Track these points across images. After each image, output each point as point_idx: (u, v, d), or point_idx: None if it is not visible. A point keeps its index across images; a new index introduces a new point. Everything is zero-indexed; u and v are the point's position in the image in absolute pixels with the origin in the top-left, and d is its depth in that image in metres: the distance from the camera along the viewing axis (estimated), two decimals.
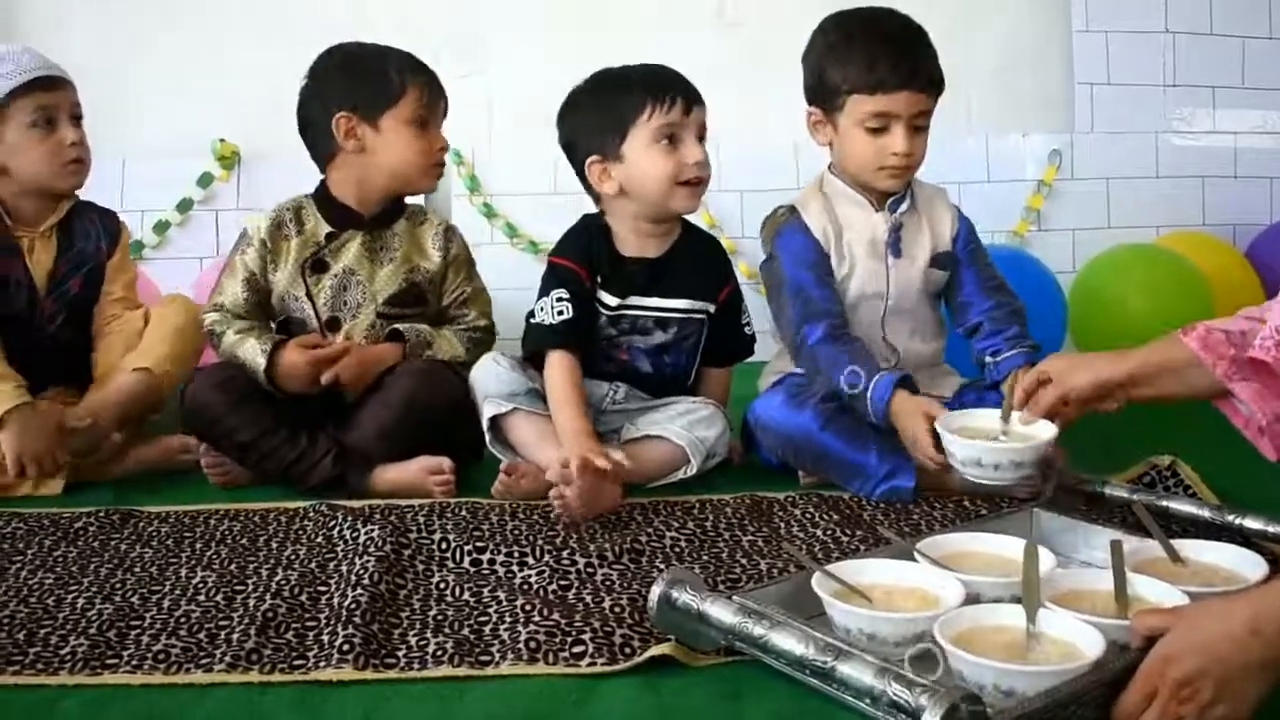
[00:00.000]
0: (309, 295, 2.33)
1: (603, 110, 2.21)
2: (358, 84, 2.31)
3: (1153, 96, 3.67)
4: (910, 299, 2.26)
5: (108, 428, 2.31)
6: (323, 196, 2.39)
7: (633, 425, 2.22)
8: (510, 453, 2.18)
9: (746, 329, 2.38)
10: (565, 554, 1.81)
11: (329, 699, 1.39)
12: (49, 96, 2.34)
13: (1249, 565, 1.54)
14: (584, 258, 2.23)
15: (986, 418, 1.93)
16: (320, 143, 2.36)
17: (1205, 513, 1.83)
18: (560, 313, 2.18)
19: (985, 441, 1.86)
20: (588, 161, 2.23)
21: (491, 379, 2.21)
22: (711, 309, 2.29)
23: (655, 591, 1.47)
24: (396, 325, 2.32)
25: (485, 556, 1.81)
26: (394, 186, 2.37)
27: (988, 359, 2.21)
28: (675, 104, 2.16)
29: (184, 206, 3.60)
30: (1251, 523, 1.77)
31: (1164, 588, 1.43)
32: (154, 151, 3.57)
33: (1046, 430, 1.85)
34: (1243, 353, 1.64)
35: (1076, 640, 1.32)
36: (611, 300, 2.24)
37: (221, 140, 3.58)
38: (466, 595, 1.67)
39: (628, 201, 2.23)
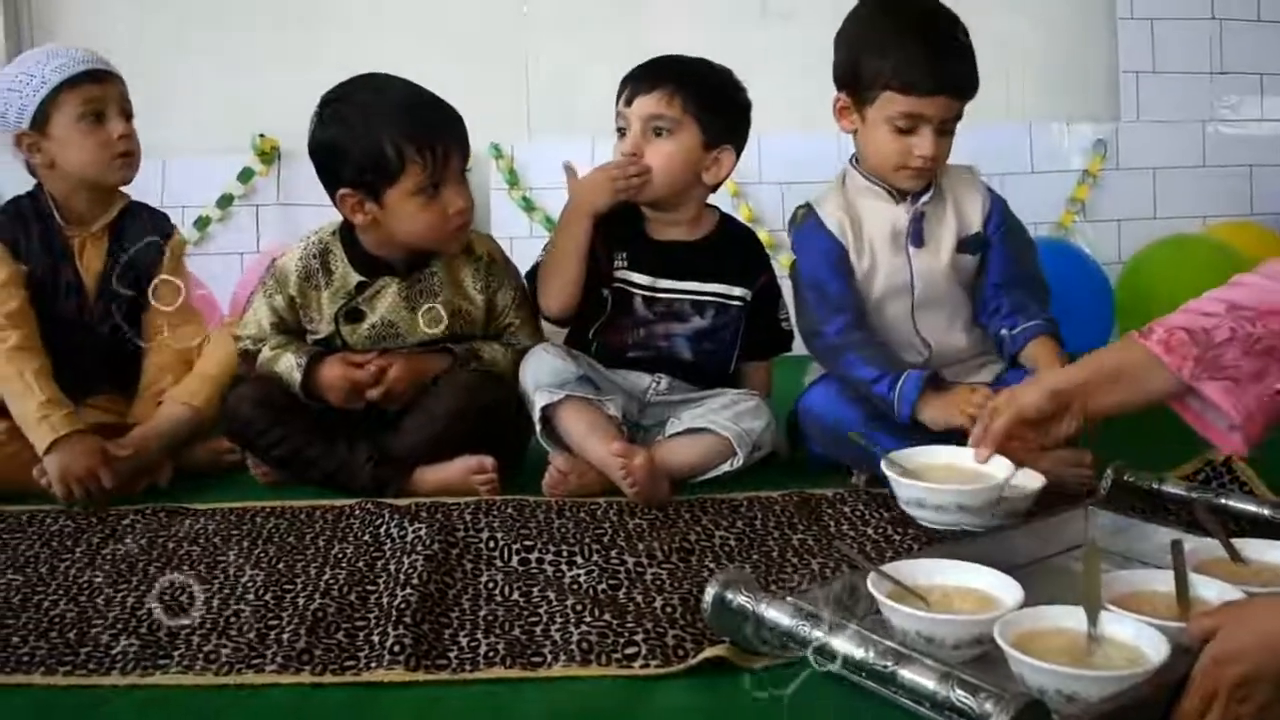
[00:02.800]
0: (346, 345, 2.25)
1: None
2: (354, 164, 2.13)
3: (1199, 84, 3.62)
4: (939, 289, 2.21)
5: (152, 459, 2.28)
6: (350, 238, 2.26)
7: (677, 419, 2.20)
8: (558, 446, 2.16)
9: (785, 323, 2.37)
10: (614, 553, 1.80)
11: (380, 700, 1.39)
12: (98, 89, 2.33)
13: None
14: (606, 236, 2.26)
15: (950, 454, 1.84)
16: (340, 210, 2.22)
17: (1265, 510, 1.79)
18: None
19: (927, 483, 1.76)
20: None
21: (544, 369, 2.18)
22: (747, 295, 2.29)
23: (709, 592, 1.45)
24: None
25: (533, 555, 1.80)
26: (416, 248, 2.24)
27: (1004, 333, 2.17)
28: (622, 97, 2.22)
29: (224, 202, 3.61)
30: None
31: (1226, 588, 1.41)
32: (194, 148, 3.58)
33: (1001, 471, 1.74)
34: (1207, 352, 1.59)
35: (1140, 644, 1.29)
36: (642, 279, 2.25)
37: (261, 135, 3.59)
38: (516, 595, 1.66)
39: None
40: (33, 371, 2.23)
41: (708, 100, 2.22)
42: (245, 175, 3.60)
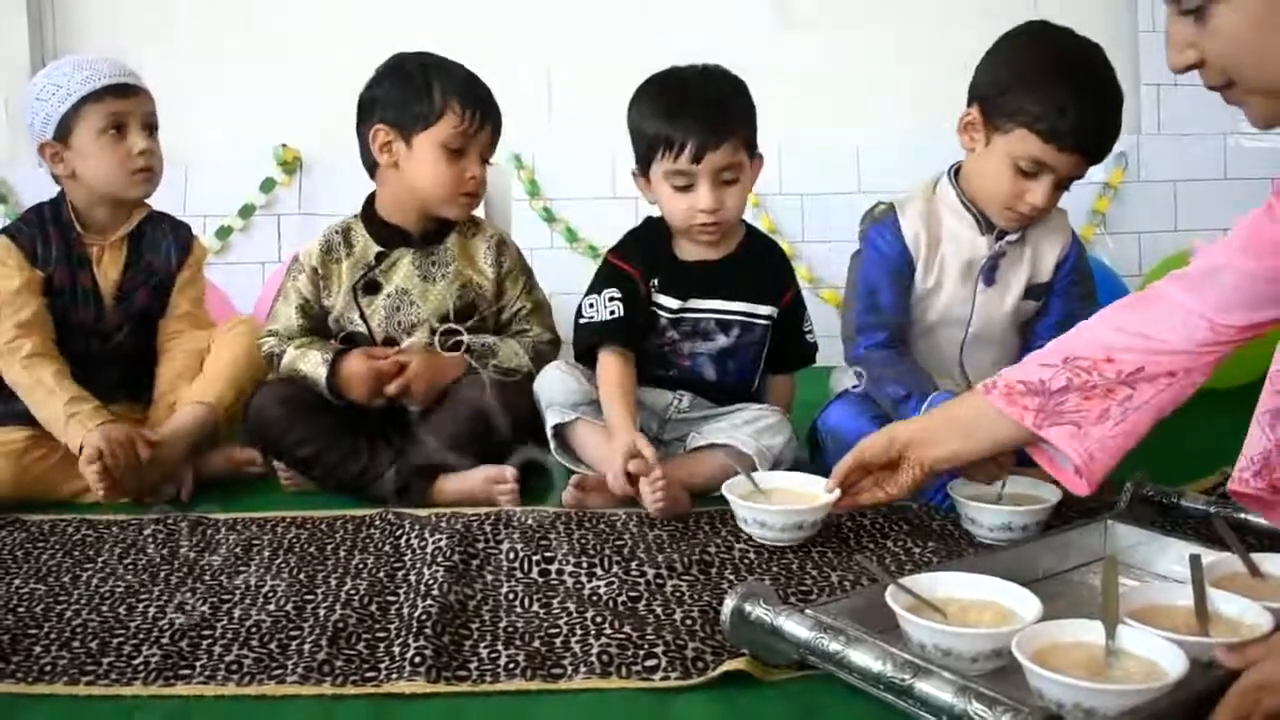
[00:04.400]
0: (363, 317, 2.33)
1: (637, 132, 2.19)
2: (400, 97, 2.28)
3: (1220, 97, 3.60)
4: (995, 330, 2.19)
5: (176, 458, 2.29)
6: (370, 215, 2.38)
7: (698, 434, 2.20)
8: (575, 460, 2.18)
9: (809, 336, 2.36)
10: (634, 565, 1.80)
11: (401, 712, 1.39)
12: (121, 104, 2.35)
13: None
14: (641, 260, 2.23)
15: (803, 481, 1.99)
16: (365, 152, 2.35)
17: None
18: (612, 311, 2.18)
19: (763, 505, 1.90)
20: (632, 171, 2.24)
21: (556, 388, 2.20)
22: (774, 313, 2.27)
23: (729, 605, 1.45)
24: (460, 338, 2.31)
25: (553, 567, 1.81)
26: (424, 208, 2.34)
27: None
28: (684, 152, 2.09)
29: (246, 212, 3.63)
30: None
31: (1245, 604, 1.40)
32: (216, 157, 3.61)
33: (829, 494, 1.86)
34: (1048, 400, 1.64)
35: (1158, 658, 1.29)
36: (672, 303, 2.22)
37: (283, 145, 3.61)
38: (536, 606, 1.66)
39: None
40: (52, 375, 2.25)
41: (753, 127, 2.19)
42: (267, 185, 3.62)
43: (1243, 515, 1.82)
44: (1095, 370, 1.64)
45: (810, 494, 1.93)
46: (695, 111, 2.10)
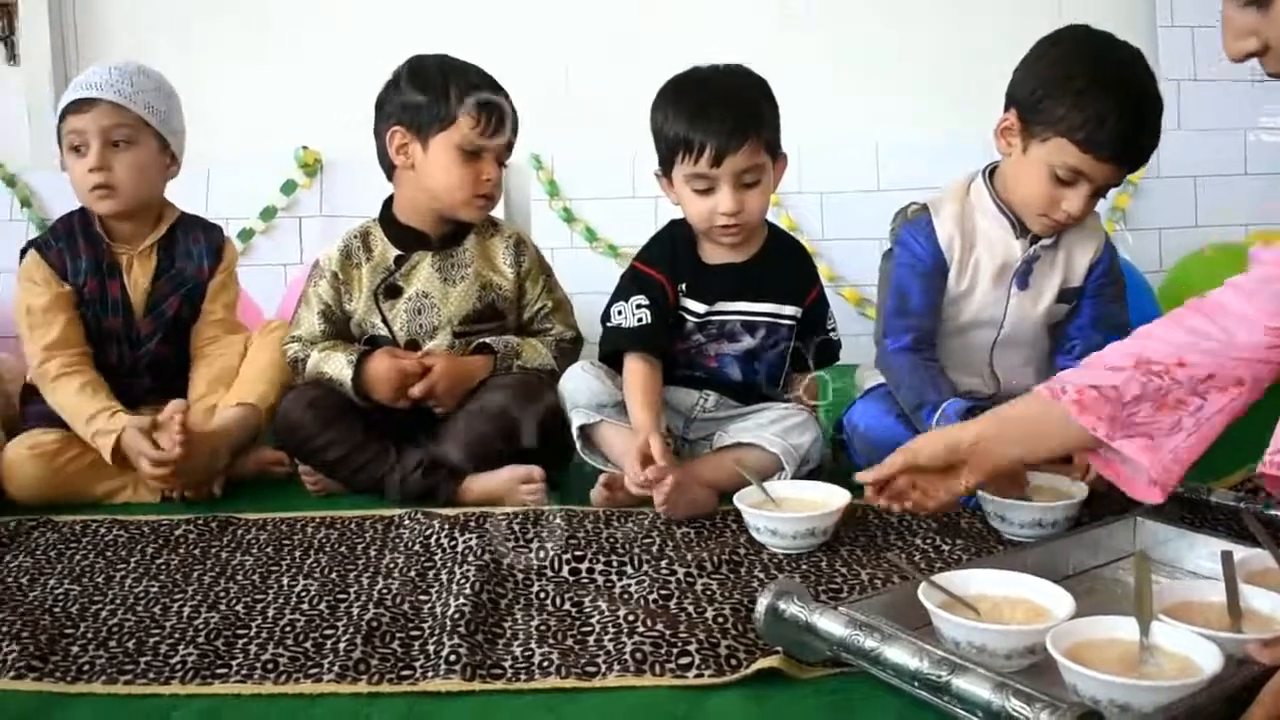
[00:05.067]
0: (385, 321, 2.33)
1: (659, 134, 2.18)
2: (416, 100, 2.28)
3: (1241, 92, 3.61)
4: (1027, 332, 2.19)
5: (221, 458, 2.30)
6: (388, 218, 2.39)
7: (724, 433, 2.21)
8: (600, 459, 2.19)
9: (833, 334, 2.36)
10: (664, 563, 1.81)
11: (438, 710, 1.40)
12: (77, 120, 2.33)
13: None
14: (668, 266, 2.22)
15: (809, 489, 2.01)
16: (382, 154, 2.36)
17: None
18: (640, 319, 2.18)
19: (779, 512, 1.90)
20: (655, 173, 2.24)
21: (581, 389, 2.21)
22: (799, 312, 2.28)
23: (762, 602, 1.46)
24: (484, 339, 2.32)
25: (584, 565, 1.81)
26: (440, 210, 2.34)
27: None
28: (704, 155, 2.08)
29: (268, 214, 3.65)
30: None
31: (1277, 599, 1.41)
32: (237, 160, 3.62)
33: (838, 499, 1.91)
34: (1120, 410, 1.62)
35: (1192, 654, 1.29)
36: (699, 308, 2.22)
37: (304, 148, 3.63)
38: (568, 605, 1.67)
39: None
40: (74, 391, 2.28)
41: (775, 127, 2.17)
42: (288, 187, 3.64)
43: (1272, 511, 1.82)
44: (1168, 374, 1.62)
45: (822, 501, 1.94)
46: (715, 114, 2.09)
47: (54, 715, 1.42)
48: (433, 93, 2.27)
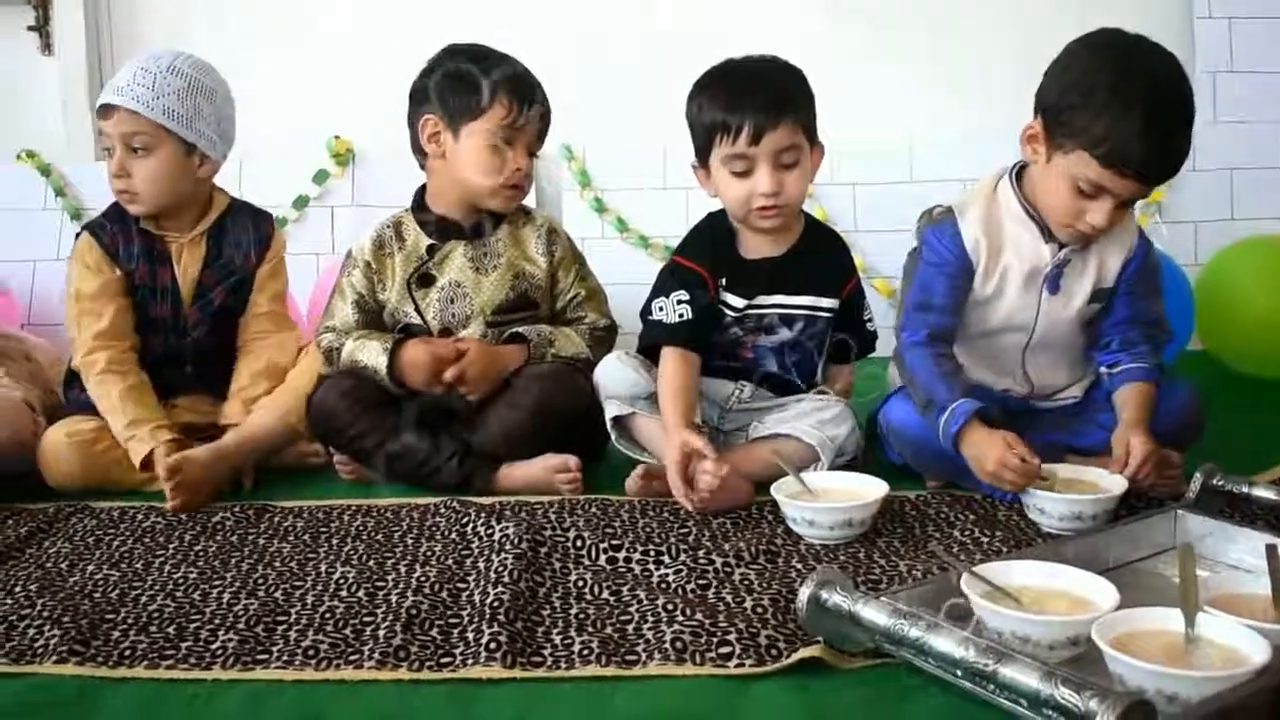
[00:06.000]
0: (418, 310, 2.33)
1: (696, 123, 2.17)
2: (449, 88, 2.30)
3: (1278, 84, 3.57)
4: (1059, 335, 2.14)
5: (243, 465, 2.29)
6: (421, 207, 2.39)
7: (760, 423, 2.20)
8: (636, 448, 2.18)
9: (869, 325, 2.35)
10: (701, 553, 1.81)
11: (479, 697, 1.40)
12: (104, 124, 2.34)
13: None
14: (708, 260, 2.21)
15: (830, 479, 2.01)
16: (415, 142, 2.36)
17: None
18: (681, 315, 2.17)
19: (816, 503, 1.90)
20: (691, 164, 2.23)
21: (616, 379, 2.21)
22: (836, 305, 2.26)
23: (804, 592, 1.46)
24: (518, 329, 2.31)
25: (621, 554, 1.81)
26: (470, 199, 2.34)
27: (1103, 370, 2.15)
28: (742, 134, 2.07)
29: (300, 203, 3.65)
30: None
31: None
32: (269, 149, 3.61)
33: (878, 489, 1.90)
34: None
35: (1239, 645, 1.28)
36: (738, 302, 2.21)
37: (336, 137, 3.63)
38: (606, 594, 1.67)
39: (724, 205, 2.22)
40: (119, 393, 2.28)
41: (812, 113, 2.16)
42: (320, 177, 3.64)
43: None
44: None
45: (860, 492, 1.93)
46: (753, 94, 2.09)
47: (96, 699, 1.43)
48: (466, 82, 2.28)
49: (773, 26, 3.61)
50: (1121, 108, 1.87)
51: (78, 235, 2.42)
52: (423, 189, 2.41)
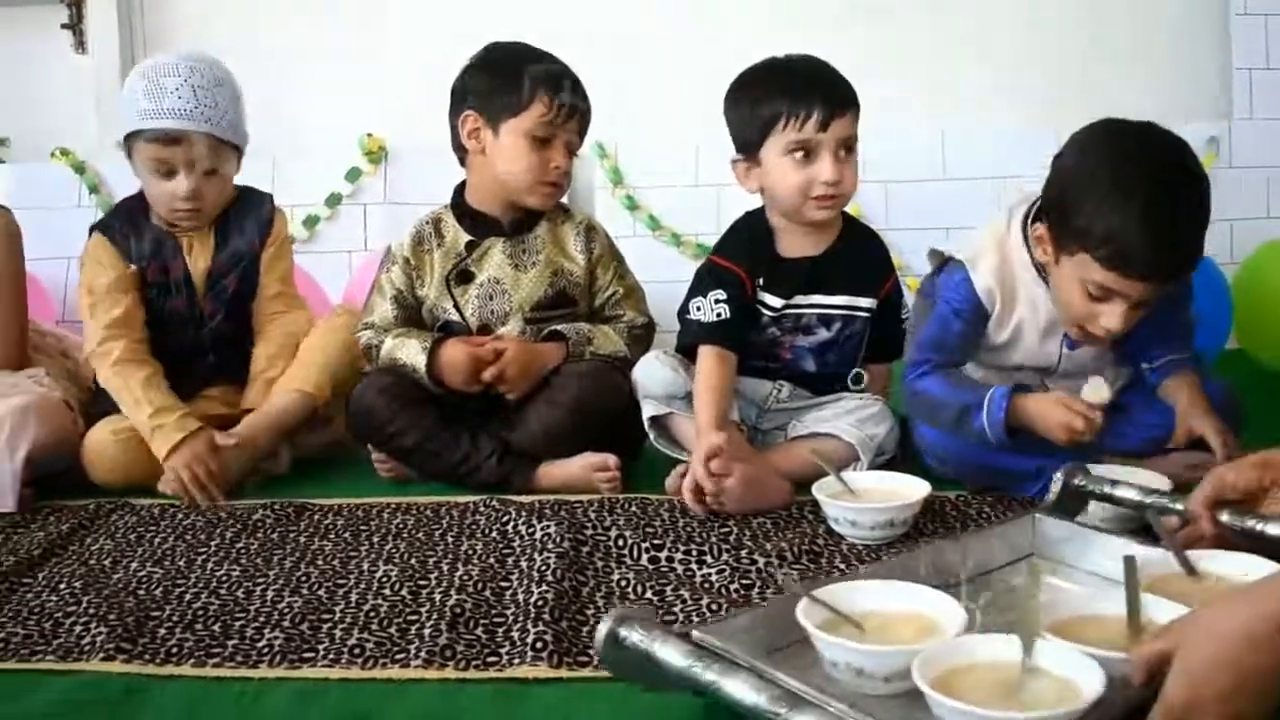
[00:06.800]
0: (457, 307, 2.34)
1: (746, 115, 2.16)
2: (490, 85, 2.30)
3: None
4: (1083, 367, 2.10)
5: (266, 448, 2.32)
6: (459, 204, 2.40)
7: (799, 423, 2.20)
8: (674, 447, 2.18)
9: (907, 323, 2.33)
10: (744, 553, 1.80)
11: (526, 696, 1.40)
12: (166, 151, 2.29)
13: (1267, 573, 1.34)
14: (746, 260, 2.20)
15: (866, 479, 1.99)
16: (455, 138, 2.36)
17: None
18: (719, 314, 2.16)
19: (858, 503, 1.89)
20: (732, 159, 2.21)
21: (654, 378, 2.20)
22: (874, 304, 2.25)
23: (602, 629, 1.33)
24: (556, 327, 2.31)
25: (663, 554, 1.81)
26: (509, 197, 2.34)
27: (1144, 366, 2.14)
28: (811, 119, 2.08)
29: (333, 201, 3.66)
30: None
31: (1182, 611, 1.24)
32: (303, 147, 3.64)
33: (919, 489, 1.89)
34: None
35: (1075, 677, 1.16)
36: (776, 302, 2.20)
37: (368, 135, 3.64)
38: (649, 594, 1.67)
39: (770, 200, 2.21)
40: (140, 382, 2.28)
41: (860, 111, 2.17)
42: (353, 174, 3.65)
43: (1180, 505, 1.61)
44: None
45: (902, 492, 1.92)
46: (818, 82, 2.12)
47: (143, 697, 1.43)
48: (506, 78, 2.28)
49: (805, 25, 3.61)
50: (1119, 204, 1.78)
51: (89, 235, 2.43)
52: (462, 185, 2.42)
